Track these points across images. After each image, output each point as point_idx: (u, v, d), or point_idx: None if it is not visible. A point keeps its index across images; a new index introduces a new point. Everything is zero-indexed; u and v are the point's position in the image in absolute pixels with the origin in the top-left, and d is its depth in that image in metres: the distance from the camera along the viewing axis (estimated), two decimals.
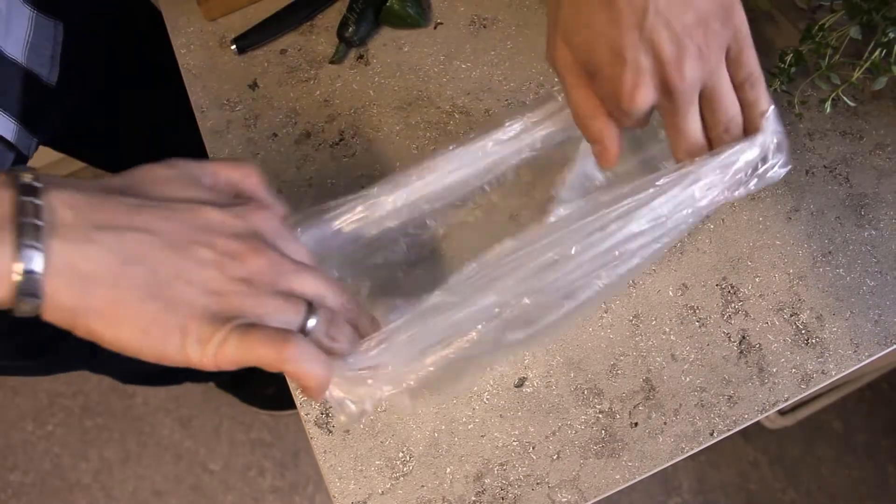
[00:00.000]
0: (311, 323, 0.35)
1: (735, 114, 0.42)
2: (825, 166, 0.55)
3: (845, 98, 0.52)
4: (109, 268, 0.30)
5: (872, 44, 0.49)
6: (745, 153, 0.43)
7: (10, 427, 1.43)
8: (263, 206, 0.37)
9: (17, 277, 0.28)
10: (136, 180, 0.33)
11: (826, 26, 0.51)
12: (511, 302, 0.40)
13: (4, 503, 1.37)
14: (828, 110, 0.53)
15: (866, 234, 0.53)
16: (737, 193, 0.44)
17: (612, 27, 0.38)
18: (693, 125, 0.41)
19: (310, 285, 0.35)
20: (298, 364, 0.33)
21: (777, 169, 0.44)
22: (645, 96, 0.39)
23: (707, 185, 0.42)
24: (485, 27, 0.63)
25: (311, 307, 0.35)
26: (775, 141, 0.44)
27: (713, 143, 0.43)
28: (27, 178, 0.30)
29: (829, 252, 0.52)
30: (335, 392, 0.41)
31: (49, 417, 1.43)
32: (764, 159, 0.44)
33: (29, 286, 0.29)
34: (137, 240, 0.31)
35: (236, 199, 0.37)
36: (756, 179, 0.44)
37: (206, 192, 0.35)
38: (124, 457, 1.40)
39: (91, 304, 0.30)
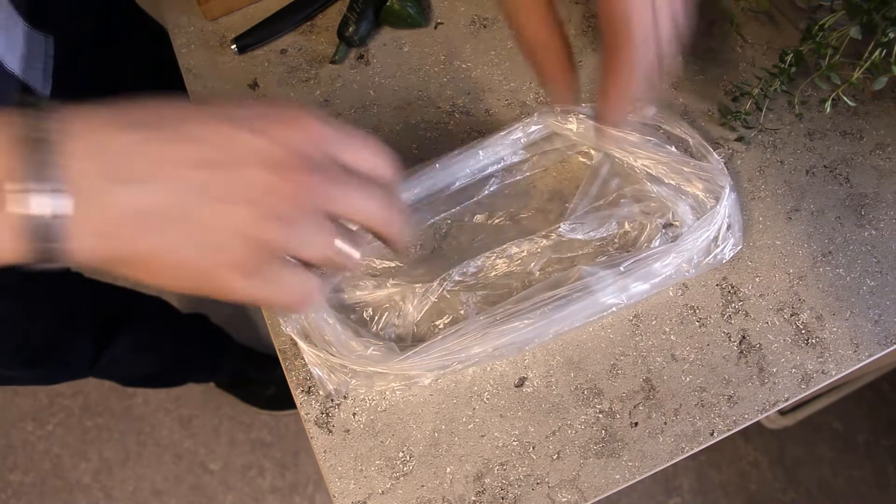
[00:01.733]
0: (340, 249, 0.34)
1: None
2: (825, 166, 0.55)
3: (845, 98, 0.52)
4: (131, 223, 0.29)
5: (872, 44, 0.49)
6: (706, 231, 0.50)
7: (10, 427, 1.43)
8: (295, 113, 0.33)
9: (35, 225, 0.27)
10: (155, 111, 0.31)
11: (826, 26, 0.51)
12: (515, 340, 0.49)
13: (4, 503, 1.37)
14: (828, 110, 0.53)
15: (866, 234, 0.53)
16: (689, 273, 0.51)
17: None
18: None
19: (343, 206, 0.33)
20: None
21: (728, 250, 0.51)
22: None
23: (666, 264, 0.50)
24: (485, 27, 0.63)
25: (341, 227, 0.34)
26: (727, 224, 0.51)
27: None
28: (42, 126, 0.28)
29: (830, 252, 0.52)
30: (318, 371, 0.49)
31: (49, 417, 1.43)
32: (716, 240, 0.51)
33: (51, 234, 0.28)
34: (160, 190, 0.29)
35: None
36: (710, 258, 0.51)
37: (232, 107, 0.32)
38: (124, 457, 1.40)
39: (120, 256, 0.30)
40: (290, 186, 0.31)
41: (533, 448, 0.49)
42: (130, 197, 0.29)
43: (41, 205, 0.27)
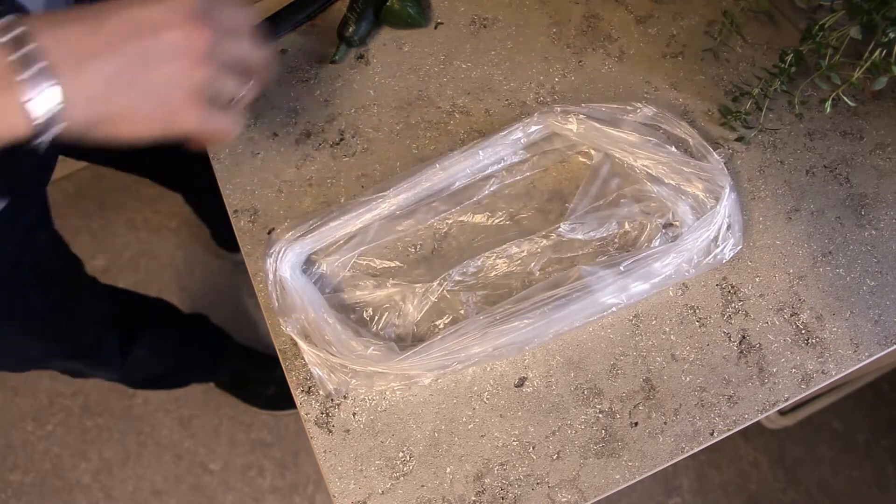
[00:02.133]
0: (247, 88, 0.45)
1: None
2: (825, 166, 0.55)
3: (845, 98, 0.52)
4: (102, 89, 0.38)
5: (872, 44, 0.49)
6: (705, 231, 0.50)
7: (10, 427, 1.43)
8: None
9: (45, 111, 0.36)
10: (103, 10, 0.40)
11: (826, 26, 0.51)
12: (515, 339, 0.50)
13: (4, 503, 1.37)
14: (828, 110, 0.53)
15: (866, 234, 0.53)
16: (688, 273, 0.51)
17: None
18: None
19: (236, 50, 0.43)
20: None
21: (728, 250, 0.52)
22: None
23: (666, 264, 0.50)
24: (485, 27, 0.63)
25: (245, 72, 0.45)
26: (727, 224, 0.51)
27: None
28: (19, 28, 0.36)
29: (830, 252, 0.53)
30: (318, 371, 0.50)
31: (49, 417, 1.43)
32: (716, 240, 0.51)
33: (54, 120, 0.37)
34: (116, 59, 0.38)
35: None
36: (710, 258, 0.51)
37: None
38: (124, 457, 1.40)
39: (104, 115, 0.39)
40: (200, 40, 0.41)
41: (533, 448, 0.49)
42: (99, 68, 0.38)
43: (38, 87, 0.36)
